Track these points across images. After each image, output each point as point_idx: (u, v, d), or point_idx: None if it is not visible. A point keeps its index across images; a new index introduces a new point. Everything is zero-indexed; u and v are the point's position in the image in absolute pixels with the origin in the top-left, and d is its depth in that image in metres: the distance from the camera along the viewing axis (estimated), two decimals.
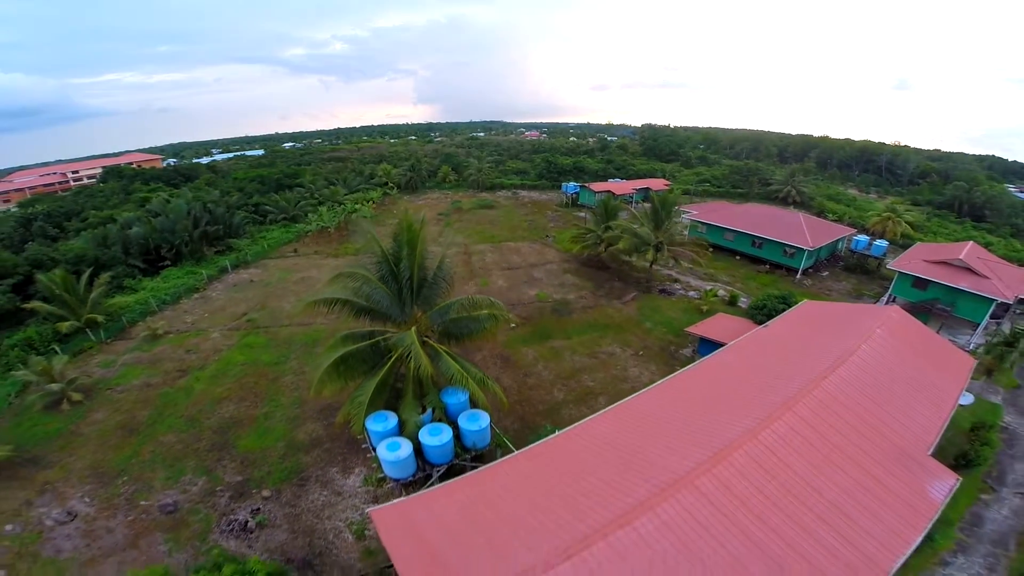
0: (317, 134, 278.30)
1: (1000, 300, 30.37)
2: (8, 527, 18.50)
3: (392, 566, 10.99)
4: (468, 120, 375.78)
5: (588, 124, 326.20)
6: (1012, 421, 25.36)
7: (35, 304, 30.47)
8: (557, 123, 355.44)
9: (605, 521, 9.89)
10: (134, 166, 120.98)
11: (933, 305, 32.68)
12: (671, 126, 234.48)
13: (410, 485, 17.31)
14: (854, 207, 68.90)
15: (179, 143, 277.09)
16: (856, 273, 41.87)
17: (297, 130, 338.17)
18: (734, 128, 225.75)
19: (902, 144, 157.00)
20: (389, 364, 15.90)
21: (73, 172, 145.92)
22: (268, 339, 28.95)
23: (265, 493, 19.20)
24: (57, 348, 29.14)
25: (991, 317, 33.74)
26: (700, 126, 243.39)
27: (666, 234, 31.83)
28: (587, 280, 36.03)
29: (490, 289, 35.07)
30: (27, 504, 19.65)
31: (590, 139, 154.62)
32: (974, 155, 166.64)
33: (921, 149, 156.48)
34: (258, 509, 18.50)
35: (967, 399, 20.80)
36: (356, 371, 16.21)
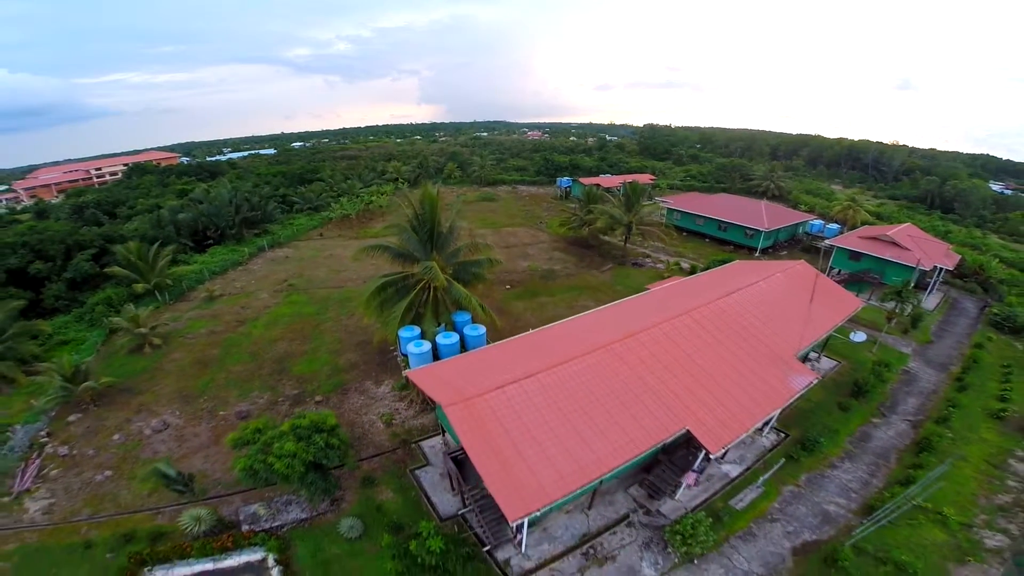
0: (323, 134, 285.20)
1: (919, 268, 36.11)
2: (115, 437, 24.45)
3: (409, 440, 16.57)
4: (472, 120, 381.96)
5: (591, 124, 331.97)
6: (915, 367, 31.20)
7: (115, 269, 36.97)
8: (560, 123, 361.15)
9: (547, 365, 16.06)
10: (155, 163, 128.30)
11: (866, 274, 38.52)
12: (672, 126, 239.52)
13: None
14: (829, 199, 74.51)
15: (187, 142, 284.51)
16: (810, 252, 47.63)
17: (302, 130, 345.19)
18: (734, 128, 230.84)
19: (899, 144, 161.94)
20: (415, 291, 22.19)
21: (96, 169, 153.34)
22: (308, 298, 35.36)
23: (317, 399, 25.45)
24: (132, 306, 35.58)
25: (920, 287, 39.56)
26: (702, 126, 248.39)
27: (635, 216, 37.93)
28: (572, 255, 42.24)
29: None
30: (127, 420, 25.65)
31: (589, 139, 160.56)
32: (968, 154, 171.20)
33: (916, 148, 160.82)
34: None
35: (859, 337, 26.51)
36: (391, 299, 22.44)
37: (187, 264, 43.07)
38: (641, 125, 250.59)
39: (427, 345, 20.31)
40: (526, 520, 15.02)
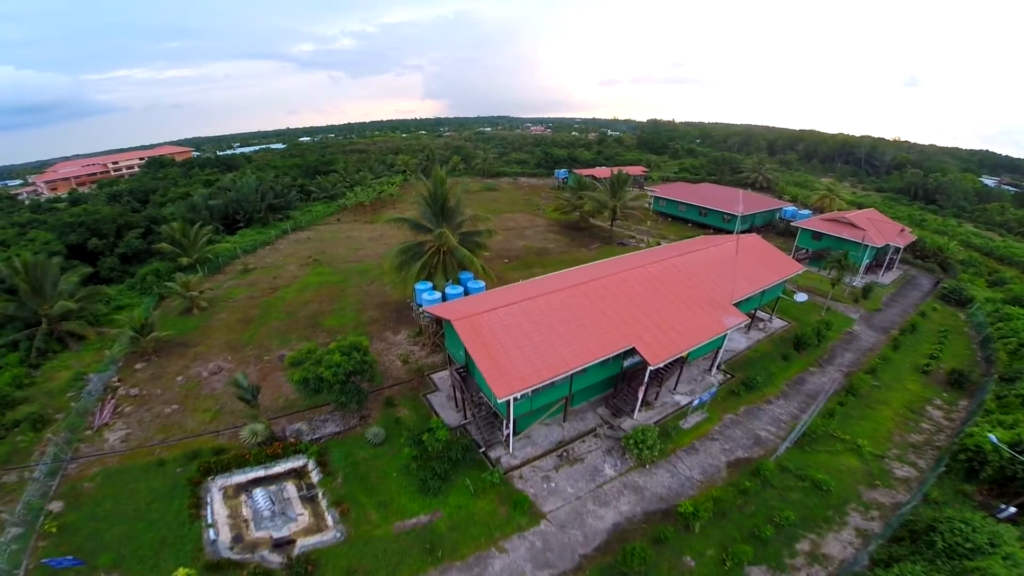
0: (328, 129, 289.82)
1: (864, 243, 40.44)
2: (178, 379, 29.60)
3: (423, 371, 21.34)
4: (476, 115, 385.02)
5: (594, 119, 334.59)
6: (859, 329, 35.77)
7: (162, 245, 42.29)
8: (564, 118, 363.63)
9: (529, 297, 21.03)
10: (171, 157, 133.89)
11: (827, 252, 43.03)
12: (675, 121, 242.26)
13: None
14: (811, 190, 78.67)
15: (194, 138, 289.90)
16: (784, 235, 52.14)
17: (306, 125, 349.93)
18: (736, 123, 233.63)
19: (901, 139, 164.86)
20: (428, 254, 27.31)
21: (113, 163, 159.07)
22: (332, 270, 40.55)
23: None
24: (182, 274, 40.81)
25: (878, 265, 44.08)
26: (705, 121, 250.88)
27: (619, 201, 42.69)
28: (564, 237, 47.11)
29: (491, 241, 46.34)
30: (186, 367, 30.80)
31: (591, 134, 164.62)
32: (968, 150, 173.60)
33: (915, 143, 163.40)
34: None
35: (801, 297, 31.19)
36: (408, 261, 27.52)
37: (219, 243, 48.36)
38: (644, 120, 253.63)
39: (438, 294, 25.37)
40: (512, 427, 20.09)
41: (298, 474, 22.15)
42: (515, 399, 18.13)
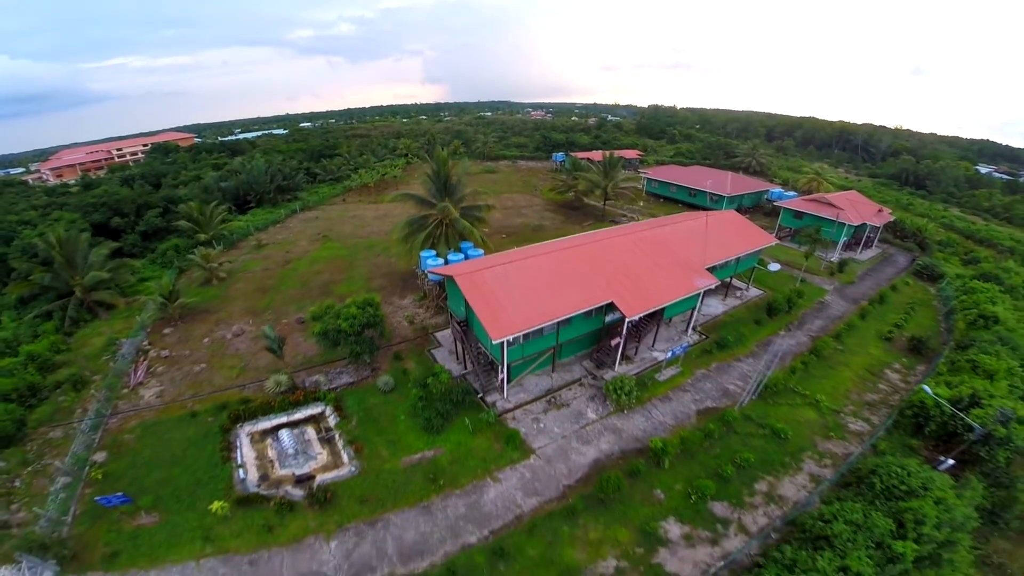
0: (328, 115, 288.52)
1: (838, 220, 42.94)
2: (204, 341, 32.41)
3: (427, 329, 24.23)
4: (476, 100, 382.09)
5: (595, 105, 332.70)
6: (831, 299, 38.38)
7: (181, 223, 45.02)
8: (564, 103, 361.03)
9: (522, 258, 23.83)
10: (175, 143, 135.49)
11: (806, 229, 45.54)
12: (677, 107, 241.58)
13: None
14: (801, 174, 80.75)
15: (194, 124, 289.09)
16: (771, 216, 54.58)
17: (306, 111, 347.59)
18: (737, 110, 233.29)
19: (903, 128, 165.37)
20: (432, 225, 30.09)
21: (117, 150, 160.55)
22: (340, 244, 43.34)
23: None
24: (202, 248, 43.58)
25: (856, 242, 46.59)
26: (707, 107, 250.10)
27: (611, 181, 45.16)
28: (560, 215, 49.70)
29: (490, 218, 48.95)
30: (211, 330, 33.61)
31: (590, 119, 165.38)
32: (968, 139, 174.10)
33: (915, 132, 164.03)
34: None
35: (774, 267, 33.92)
36: (414, 232, 30.32)
37: (235, 221, 51.06)
38: (646, 106, 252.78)
39: (441, 261, 28.19)
40: (507, 373, 22.96)
41: (317, 420, 24.98)
42: (508, 343, 21.00)
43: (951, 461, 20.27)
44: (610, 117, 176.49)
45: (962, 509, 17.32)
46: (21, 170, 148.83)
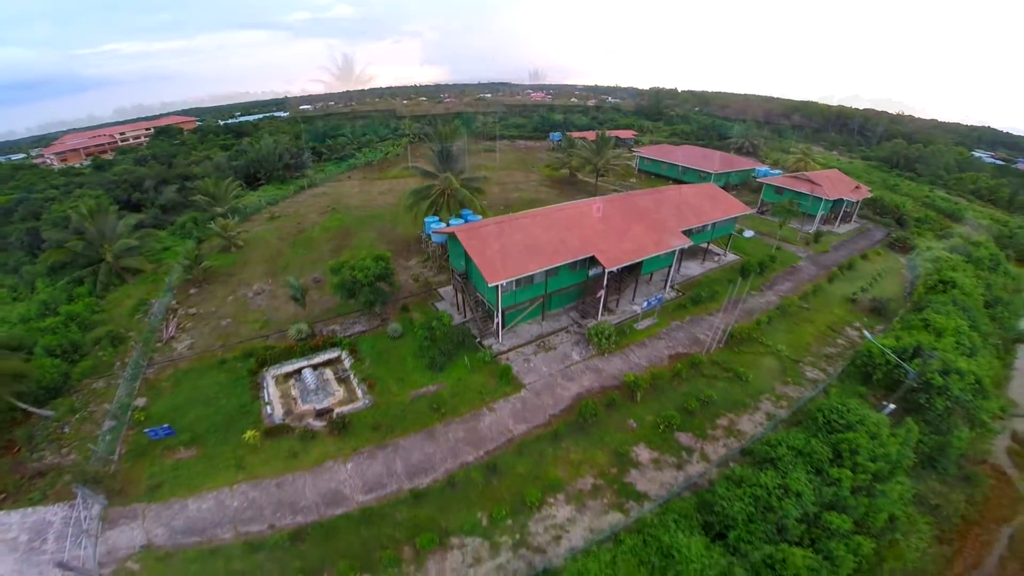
0: (327, 96, 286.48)
1: (825, 199, 45.82)
2: (228, 299, 35.26)
3: (431, 284, 27.51)
4: (476, 82, 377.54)
5: (596, 86, 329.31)
6: (803, 265, 41.33)
7: (198, 197, 48.00)
8: (565, 84, 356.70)
9: (515, 218, 26.93)
10: (178, 127, 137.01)
11: (789, 203, 48.40)
12: (678, 89, 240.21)
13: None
14: (790, 154, 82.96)
15: (193, 108, 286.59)
16: (756, 192, 57.33)
17: (305, 93, 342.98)
18: (737, 92, 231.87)
19: (904, 114, 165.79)
20: (435, 194, 33.24)
21: (120, 134, 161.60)
22: (348, 215, 46.44)
23: None
24: (212, 224, 46.65)
25: (835, 216, 49.42)
26: (707, 90, 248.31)
27: (602, 158, 47.95)
28: (555, 190, 52.59)
29: (489, 192, 51.89)
30: (233, 291, 36.74)
31: (590, 101, 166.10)
32: (968, 126, 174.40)
33: (915, 117, 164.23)
34: None
35: (748, 233, 36.94)
36: (419, 201, 33.41)
37: (247, 196, 54.03)
38: (647, 88, 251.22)
39: (443, 225, 31.34)
40: (501, 318, 26.19)
41: (334, 363, 28.26)
42: (502, 287, 24.26)
43: (892, 406, 22.60)
44: (610, 99, 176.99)
45: (895, 446, 19.27)
46: (22, 156, 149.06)
